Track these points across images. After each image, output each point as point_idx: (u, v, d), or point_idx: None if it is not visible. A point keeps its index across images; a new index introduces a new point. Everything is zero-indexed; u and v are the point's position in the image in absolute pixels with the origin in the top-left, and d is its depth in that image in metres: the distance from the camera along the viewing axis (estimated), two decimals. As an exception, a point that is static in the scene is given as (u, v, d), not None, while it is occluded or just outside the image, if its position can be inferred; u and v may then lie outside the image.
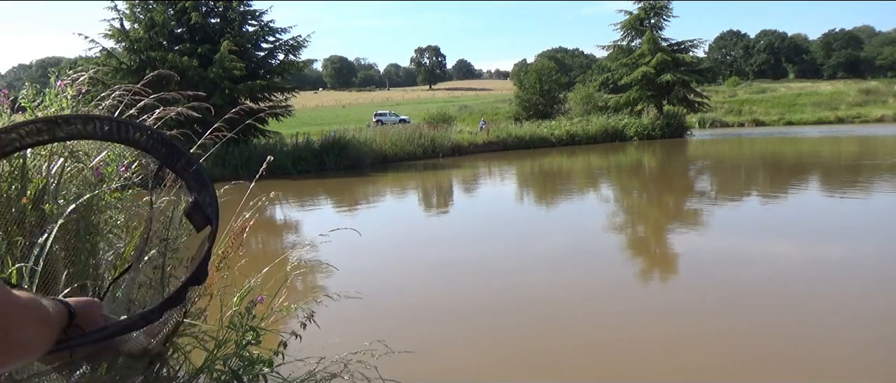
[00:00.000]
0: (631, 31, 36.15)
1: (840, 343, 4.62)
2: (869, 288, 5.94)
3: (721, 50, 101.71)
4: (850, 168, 18.26)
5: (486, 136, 28.85)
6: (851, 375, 4.12)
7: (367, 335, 2.38)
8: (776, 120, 45.83)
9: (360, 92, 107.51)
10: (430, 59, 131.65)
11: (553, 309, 5.78)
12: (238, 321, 2.39)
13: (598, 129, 31.20)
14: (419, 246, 9.40)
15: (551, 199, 14.67)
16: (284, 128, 24.82)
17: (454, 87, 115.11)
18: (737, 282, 6.41)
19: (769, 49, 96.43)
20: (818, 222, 9.85)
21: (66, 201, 2.32)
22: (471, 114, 46.87)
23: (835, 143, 27.97)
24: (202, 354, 2.46)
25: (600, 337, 5.01)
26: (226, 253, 2.67)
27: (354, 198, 15.77)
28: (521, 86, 41.08)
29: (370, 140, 24.30)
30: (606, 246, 8.94)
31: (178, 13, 20.93)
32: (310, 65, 26.56)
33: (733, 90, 60.88)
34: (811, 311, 5.41)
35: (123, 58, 20.09)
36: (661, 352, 4.60)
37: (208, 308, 2.59)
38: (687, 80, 34.64)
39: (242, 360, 2.36)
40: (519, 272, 7.26)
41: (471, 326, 5.32)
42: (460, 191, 17.31)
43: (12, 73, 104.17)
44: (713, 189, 15.37)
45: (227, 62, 19.70)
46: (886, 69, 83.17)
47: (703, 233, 9.55)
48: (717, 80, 74.12)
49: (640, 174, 19.74)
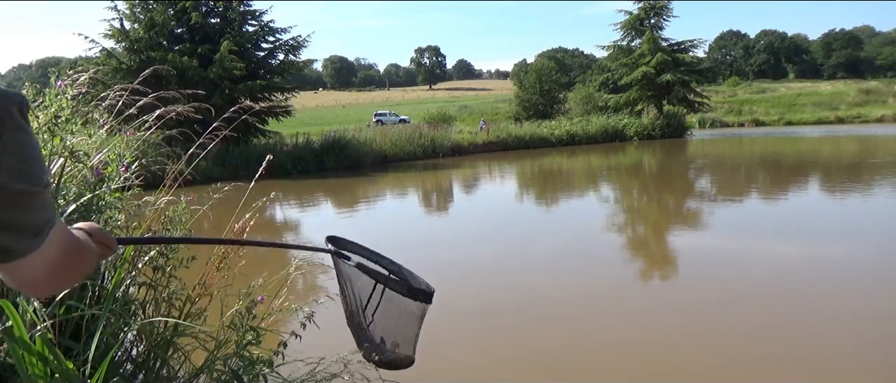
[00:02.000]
0: (631, 31, 36.16)
1: (840, 343, 4.62)
2: (869, 289, 5.94)
3: (721, 50, 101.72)
4: (851, 167, 18.27)
5: (486, 136, 28.85)
6: (852, 375, 4.11)
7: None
8: (776, 120, 45.82)
9: (360, 92, 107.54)
10: (430, 59, 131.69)
11: (553, 309, 5.78)
12: (238, 321, 2.39)
13: (598, 129, 31.20)
14: (419, 246, 9.39)
15: (551, 199, 14.67)
16: (284, 128, 24.82)
17: (454, 87, 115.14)
18: (737, 282, 6.41)
19: (769, 49, 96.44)
20: (818, 222, 9.85)
21: (65, 201, 2.32)
22: (471, 115, 46.85)
23: (835, 143, 27.97)
24: (202, 354, 2.46)
25: (600, 337, 5.01)
26: (226, 253, 2.67)
27: (354, 199, 15.77)
28: (521, 86, 41.08)
29: (370, 140, 24.29)
30: (607, 246, 8.94)
31: (178, 13, 20.93)
32: (310, 65, 26.55)
33: (733, 90, 60.88)
34: (812, 312, 5.41)
35: (123, 58, 20.08)
36: (661, 353, 4.60)
37: (208, 308, 2.59)
38: (687, 80, 34.64)
39: (242, 360, 2.36)
40: (519, 272, 7.26)
41: (471, 326, 5.32)
42: (460, 192, 17.32)
43: (12, 73, 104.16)
44: (713, 189, 15.37)
45: (227, 62, 19.70)
46: (886, 69, 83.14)
47: (703, 234, 9.55)
48: (717, 80, 74.06)
49: (640, 174, 19.74)
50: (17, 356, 1.75)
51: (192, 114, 2.89)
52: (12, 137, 0.63)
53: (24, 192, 0.65)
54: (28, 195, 0.66)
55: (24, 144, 0.65)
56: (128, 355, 2.46)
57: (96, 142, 2.70)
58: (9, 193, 0.63)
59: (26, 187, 0.65)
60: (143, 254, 2.53)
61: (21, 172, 0.64)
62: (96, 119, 2.96)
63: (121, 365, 2.36)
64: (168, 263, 2.53)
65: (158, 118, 2.93)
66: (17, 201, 0.65)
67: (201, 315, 2.54)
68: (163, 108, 2.92)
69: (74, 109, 2.49)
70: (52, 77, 2.63)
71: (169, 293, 2.49)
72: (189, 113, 2.86)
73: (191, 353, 2.48)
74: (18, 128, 0.64)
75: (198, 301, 2.56)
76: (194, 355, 2.50)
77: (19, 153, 0.64)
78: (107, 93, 3.01)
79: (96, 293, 2.30)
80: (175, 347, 2.42)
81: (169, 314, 2.45)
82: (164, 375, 2.37)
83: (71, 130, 2.45)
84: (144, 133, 2.94)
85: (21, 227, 0.68)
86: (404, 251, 8.88)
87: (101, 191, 2.41)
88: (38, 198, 0.69)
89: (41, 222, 0.72)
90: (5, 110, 0.62)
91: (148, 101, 2.98)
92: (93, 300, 2.25)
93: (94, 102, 3.04)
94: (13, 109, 0.63)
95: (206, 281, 2.58)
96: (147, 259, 2.51)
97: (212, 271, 2.63)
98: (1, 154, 0.61)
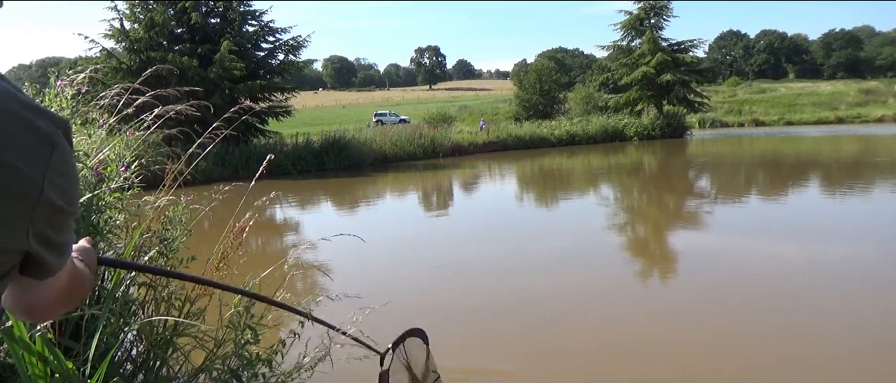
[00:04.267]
0: (631, 31, 36.14)
1: (841, 343, 4.62)
2: (870, 289, 5.94)
3: (721, 50, 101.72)
4: (851, 167, 18.27)
5: (486, 136, 28.84)
6: (852, 376, 4.11)
7: (366, 335, 2.38)
8: (776, 120, 45.82)
9: (360, 92, 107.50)
10: (430, 59, 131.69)
11: (554, 309, 5.78)
12: (237, 321, 2.39)
13: (598, 129, 31.20)
14: (419, 246, 9.40)
15: (552, 200, 14.68)
16: (284, 128, 24.82)
17: (454, 86, 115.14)
18: (737, 282, 6.41)
19: (769, 49, 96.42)
20: (819, 222, 9.85)
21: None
22: (471, 114, 46.84)
23: (835, 143, 27.97)
24: (202, 354, 2.47)
25: (601, 337, 5.01)
26: (225, 253, 2.67)
27: (354, 199, 15.77)
28: (521, 86, 41.07)
29: (370, 140, 24.29)
30: (607, 246, 8.94)
31: (178, 13, 20.93)
32: (310, 65, 26.56)
33: (733, 90, 60.84)
34: (812, 312, 5.41)
35: (123, 58, 20.08)
36: (661, 353, 4.60)
37: (208, 308, 2.59)
38: (687, 80, 34.63)
39: (241, 359, 2.36)
40: (519, 272, 7.26)
41: (471, 326, 5.32)
42: (460, 192, 17.32)
43: (12, 73, 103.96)
44: (713, 189, 15.37)
45: (227, 62, 19.70)
46: (886, 69, 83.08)
47: (703, 234, 9.55)
48: (717, 80, 74.12)
49: (640, 174, 19.74)
50: (17, 356, 1.75)
51: (193, 113, 2.89)
52: (59, 157, 0.66)
53: (63, 210, 0.69)
54: (66, 214, 0.70)
55: (68, 165, 0.69)
56: (127, 355, 2.46)
57: (96, 141, 2.70)
58: (53, 209, 0.67)
59: (65, 205, 0.69)
60: (142, 255, 2.54)
61: (63, 190, 0.68)
62: (96, 119, 2.96)
63: (121, 364, 2.36)
64: (168, 264, 2.53)
65: (157, 117, 2.93)
66: (58, 218, 0.69)
67: (201, 315, 2.54)
68: (161, 107, 2.91)
69: (74, 109, 2.50)
70: (51, 77, 2.63)
71: (168, 293, 2.49)
72: (189, 112, 2.86)
73: (190, 353, 2.49)
74: (64, 150, 0.68)
75: (197, 301, 2.56)
76: (194, 355, 2.50)
77: (63, 172, 0.67)
78: (106, 92, 3.01)
79: (96, 293, 2.30)
80: (174, 347, 2.42)
81: (168, 314, 2.45)
82: (163, 375, 2.37)
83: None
84: (144, 133, 2.94)
85: (56, 244, 0.71)
86: (405, 251, 8.89)
87: (100, 191, 2.41)
88: (72, 218, 0.72)
89: (68, 243, 0.75)
90: (54, 132, 0.66)
91: (146, 99, 2.98)
92: (92, 300, 2.25)
93: (93, 102, 3.04)
94: (60, 131, 0.67)
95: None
96: (147, 259, 2.51)
97: (211, 270, 2.63)
98: (48, 170, 0.65)
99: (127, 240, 2.58)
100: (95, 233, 2.38)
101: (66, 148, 0.68)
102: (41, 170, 0.64)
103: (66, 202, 0.69)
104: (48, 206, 0.66)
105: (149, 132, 2.94)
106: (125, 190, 2.54)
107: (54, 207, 0.67)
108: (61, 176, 0.67)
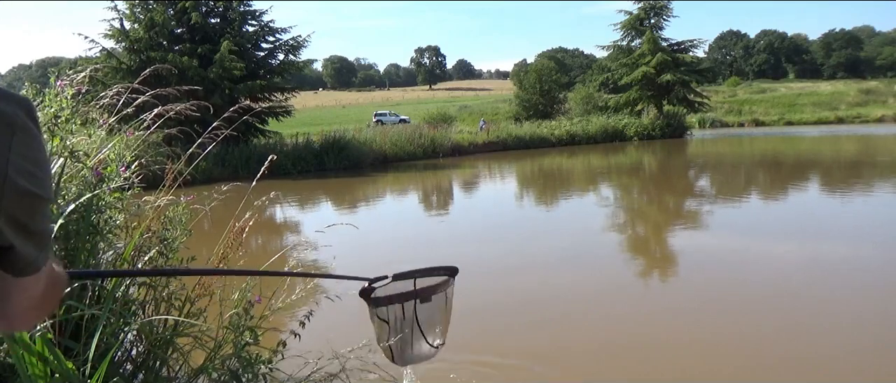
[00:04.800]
0: (631, 31, 36.13)
1: (841, 343, 4.62)
2: (871, 289, 5.93)
3: (721, 50, 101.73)
4: (851, 167, 18.27)
5: (486, 136, 28.84)
6: (853, 376, 4.11)
7: (366, 335, 2.39)
8: (776, 120, 45.80)
9: (360, 92, 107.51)
10: (430, 59, 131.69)
11: (554, 309, 5.77)
12: (237, 321, 2.39)
13: (598, 129, 31.19)
14: (419, 246, 9.39)
15: (551, 200, 14.67)
16: (284, 128, 24.82)
17: (454, 87, 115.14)
18: (737, 282, 6.40)
19: (769, 49, 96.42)
20: (819, 222, 9.85)
21: (65, 201, 2.32)
22: (471, 115, 46.83)
23: (835, 143, 27.96)
24: (202, 354, 2.46)
25: (601, 337, 5.01)
26: (225, 253, 2.67)
27: (354, 199, 15.77)
28: (521, 86, 41.05)
29: (370, 140, 24.28)
30: (607, 246, 8.93)
31: (178, 13, 20.93)
32: (310, 65, 26.56)
33: (733, 90, 60.84)
34: (812, 312, 5.40)
35: (123, 58, 20.08)
36: (661, 353, 4.60)
37: (208, 308, 2.59)
38: (687, 80, 34.62)
39: (241, 360, 2.36)
40: (519, 272, 7.25)
41: (471, 326, 5.32)
42: (460, 192, 17.31)
43: (12, 73, 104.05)
44: (713, 189, 15.37)
45: (227, 62, 19.71)
46: (886, 69, 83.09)
47: (703, 233, 9.54)
48: (717, 80, 74.12)
49: (640, 174, 19.74)
50: (17, 356, 1.75)
51: (193, 113, 2.89)
52: (21, 139, 0.62)
53: (35, 195, 0.64)
54: (40, 199, 0.65)
55: (34, 148, 0.64)
56: (127, 355, 2.46)
57: (96, 141, 2.70)
58: (22, 193, 0.63)
59: (36, 190, 0.64)
60: (142, 255, 2.54)
61: (32, 174, 0.63)
62: (96, 118, 2.96)
63: (120, 365, 2.36)
64: (168, 264, 2.53)
65: (157, 117, 2.93)
66: (31, 205, 0.64)
67: (200, 315, 2.54)
68: (161, 107, 2.92)
69: (74, 109, 2.49)
70: (51, 77, 2.63)
71: (168, 293, 2.49)
72: (189, 112, 2.86)
73: (190, 353, 2.48)
74: (27, 131, 0.63)
75: (197, 301, 2.56)
76: (194, 355, 2.50)
77: (28, 155, 0.63)
78: (106, 92, 3.01)
79: (96, 293, 2.30)
80: (174, 347, 2.42)
81: (168, 314, 2.45)
82: (163, 375, 2.37)
83: (70, 130, 2.45)
84: (144, 133, 2.94)
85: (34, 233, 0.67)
86: (405, 251, 8.88)
87: (100, 191, 2.41)
88: (46, 205, 0.68)
89: (47, 235, 0.70)
90: (14, 113, 0.62)
91: (146, 99, 2.98)
92: (92, 300, 2.25)
93: (93, 102, 3.04)
94: (21, 112, 0.63)
95: (206, 281, 2.58)
96: (146, 259, 2.51)
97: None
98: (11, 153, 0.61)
99: (127, 240, 2.58)
100: (95, 233, 2.38)
101: (31, 129, 0.64)
102: (3, 153, 0.60)
103: (37, 186, 0.64)
104: (15, 191, 0.62)
105: (149, 132, 2.94)
106: (125, 190, 2.54)
107: (23, 191, 0.62)
108: (26, 159, 0.63)
